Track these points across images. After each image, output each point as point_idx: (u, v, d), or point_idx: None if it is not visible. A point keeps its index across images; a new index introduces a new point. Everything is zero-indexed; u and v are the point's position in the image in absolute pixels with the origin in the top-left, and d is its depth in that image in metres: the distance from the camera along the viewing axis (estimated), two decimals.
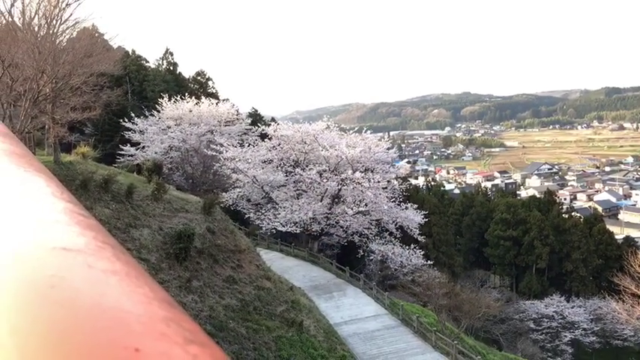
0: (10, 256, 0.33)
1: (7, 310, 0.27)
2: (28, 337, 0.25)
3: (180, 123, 34.74)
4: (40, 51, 18.56)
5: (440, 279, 28.62)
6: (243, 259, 19.89)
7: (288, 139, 32.34)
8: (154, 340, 0.26)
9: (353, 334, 19.73)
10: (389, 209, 30.65)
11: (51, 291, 0.29)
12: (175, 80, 47.75)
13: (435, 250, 41.06)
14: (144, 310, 0.29)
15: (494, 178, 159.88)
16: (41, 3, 20.96)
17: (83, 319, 0.27)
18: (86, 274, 0.32)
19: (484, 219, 51.55)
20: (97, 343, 0.26)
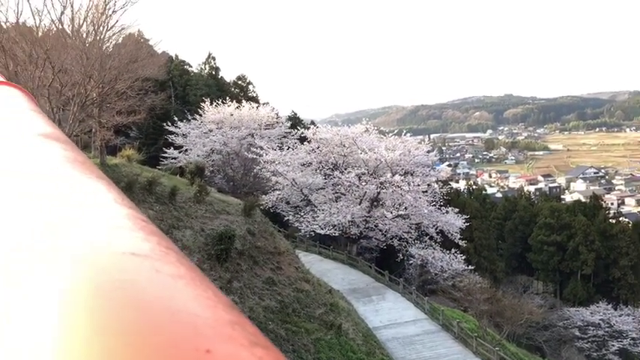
0: (83, 261, 0.34)
1: (85, 313, 0.28)
2: (105, 339, 0.26)
3: (221, 126, 35.29)
4: (87, 57, 19.18)
5: (481, 284, 28.12)
6: (283, 261, 20.03)
7: (327, 142, 32.42)
8: (222, 343, 0.27)
9: (392, 339, 19.60)
10: (429, 213, 30.34)
11: (124, 294, 0.30)
12: (217, 84, 48.51)
13: (477, 255, 40.38)
14: (211, 313, 0.30)
15: (537, 181, 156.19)
16: (89, 10, 21.67)
17: (156, 321, 0.28)
18: (155, 279, 0.33)
19: (527, 224, 50.40)
20: (170, 345, 0.26)
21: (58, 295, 0.30)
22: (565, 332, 38.96)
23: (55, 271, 0.33)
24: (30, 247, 0.39)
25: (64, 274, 0.33)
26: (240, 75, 52.47)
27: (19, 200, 0.56)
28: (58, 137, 1.03)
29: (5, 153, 0.82)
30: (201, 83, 47.64)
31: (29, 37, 20.61)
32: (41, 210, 0.53)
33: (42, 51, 19.07)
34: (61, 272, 0.33)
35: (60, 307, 0.29)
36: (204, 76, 50.69)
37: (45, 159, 0.77)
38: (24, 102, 1.56)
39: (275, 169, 30.98)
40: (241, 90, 50.21)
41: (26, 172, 0.69)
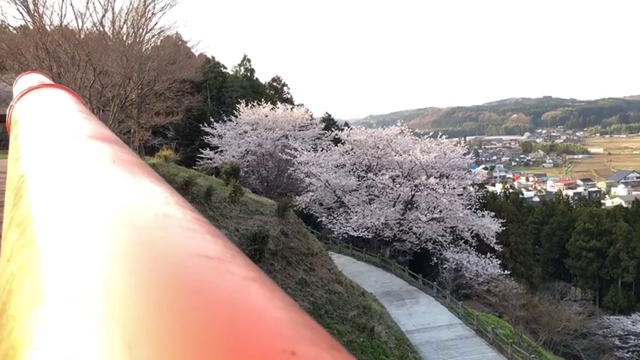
0: (162, 263, 0.35)
1: (168, 315, 0.28)
2: (188, 340, 0.26)
3: (256, 128, 35.60)
4: (127, 58, 19.60)
5: (517, 290, 27.57)
6: (316, 263, 20.05)
7: (361, 143, 32.34)
8: (305, 345, 0.27)
9: (425, 343, 19.40)
10: (464, 216, 29.91)
11: (204, 296, 0.30)
12: (252, 86, 48.91)
13: (512, 260, 39.65)
14: (287, 315, 0.31)
15: (576, 186, 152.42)
16: (129, 13, 22.14)
17: (240, 323, 0.28)
18: (231, 281, 0.33)
19: (565, 229, 49.23)
20: (257, 347, 0.27)
21: (140, 297, 0.31)
22: (604, 341, 37.85)
23: (133, 272, 0.34)
24: (105, 250, 0.40)
25: (142, 276, 0.33)
26: (275, 77, 52.79)
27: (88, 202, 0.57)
28: (112, 139, 1.05)
29: (66, 154, 0.83)
30: (236, 85, 48.11)
31: (72, 40, 21.18)
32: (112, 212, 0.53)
33: (84, 53, 19.58)
34: (139, 274, 0.34)
35: (142, 308, 0.29)
36: (239, 77, 51.18)
37: (103, 161, 0.77)
38: (75, 103, 1.59)
39: (309, 171, 31.05)
40: (276, 91, 50.48)
41: (89, 174, 0.69)
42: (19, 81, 3.12)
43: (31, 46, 20.89)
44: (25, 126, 1.20)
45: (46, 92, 1.79)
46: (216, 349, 0.26)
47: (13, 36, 23.52)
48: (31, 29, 22.34)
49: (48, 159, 0.80)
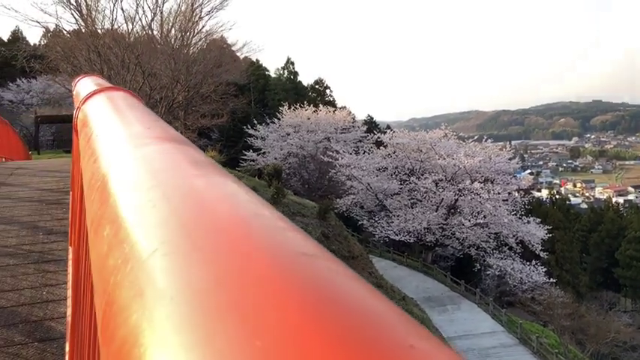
0: (270, 261, 0.36)
1: (286, 313, 0.29)
2: (312, 336, 0.27)
3: (298, 130, 35.78)
4: (175, 61, 20.06)
5: (563, 298, 26.82)
6: (356, 266, 19.99)
7: (404, 146, 32.06)
8: (420, 339, 0.28)
9: (467, 350, 19.07)
10: (509, 222, 29.25)
11: (315, 293, 0.31)
12: (295, 89, 49.22)
13: (558, 268, 38.56)
14: (393, 310, 0.31)
15: (627, 193, 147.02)
16: (177, 16, 22.64)
17: (355, 318, 0.29)
18: (336, 278, 0.34)
19: (615, 237, 47.55)
20: (377, 340, 0.27)
21: (254, 293, 0.31)
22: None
23: (244, 268, 0.34)
24: (204, 249, 0.40)
25: (251, 273, 0.34)
26: (318, 79, 52.96)
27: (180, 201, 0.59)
28: (184, 140, 1.08)
29: (148, 155, 0.86)
30: (279, 87, 48.52)
31: (122, 43, 21.81)
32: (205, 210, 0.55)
33: (133, 56, 20.14)
34: (250, 271, 0.34)
35: (258, 304, 0.30)
36: (282, 80, 51.58)
37: (184, 161, 0.80)
38: (140, 105, 1.64)
39: (350, 173, 31.00)
40: (318, 94, 50.64)
41: (175, 174, 0.72)
42: (80, 83, 3.24)
43: (84, 50, 21.62)
44: (99, 127, 1.25)
45: (111, 95, 1.86)
46: (344, 342, 0.26)
47: (66, 40, 24.40)
48: (83, 33, 23.11)
49: (131, 160, 0.83)
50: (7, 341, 2.84)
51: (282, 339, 0.27)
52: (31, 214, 5.26)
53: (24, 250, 4.25)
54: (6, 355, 2.71)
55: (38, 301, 3.32)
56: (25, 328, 2.99)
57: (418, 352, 0.27)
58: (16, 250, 4.22)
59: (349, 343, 0.26)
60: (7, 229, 4.74)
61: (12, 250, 4.22)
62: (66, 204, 5.48)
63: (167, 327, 0.31)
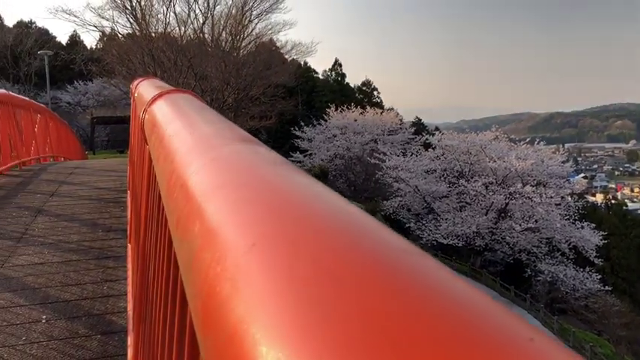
0: (370, 257, 0.36)
1: (384, 306, 0.29)
2: (439, 331, 0.27)
3: (345, 132, 35.78)
4: (226, 64, 20.43)
5: (619, 307, 25.83)
6: None
7: (453, 149, 31.56)
8: (537, 333, 0.28)
9: None
10: (562, 227, 28.36)
11: (422, 290, 0.31)
12: (342, 90, 49.27)
13: (614, 276, 37.11)
14: (498, 305, 0.31)
15: None
16: (228, 20, 23.06)
17: (473, 312, 0.29)
18: (438, 274, 0.34)
19: None
20: (499, 333, 0.28)
21: (352, 291, 0.31)
22: None
23: (342, 267, 0.35)
24: (301, 244, 0.41)
25: (352, 270, 0.34)
26: (365, 81, 52.88)
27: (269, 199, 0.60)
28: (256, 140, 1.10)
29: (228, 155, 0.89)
30: (326, 89, 48.68)
31: (174, 46, 22.37)
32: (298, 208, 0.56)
33: (186, 59, 20.63)
34: (350, 268, 0.34)
35: (362, 303, 0.30)
36: (330, 82, 51.74)
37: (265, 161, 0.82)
38: (208, 107, 1.69)
39: (397, 175, 30.75)
40: (365, 96, 50.54)
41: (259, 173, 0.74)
42: (141, 86, 3.35)
43: (138, 53, 22.30)
44: (173, 128, 1.29)
45: (177, 97, 1.92)
46: (465, 335, 0.26)
47: (121, 43, 25.23)
48: (138, 36, 23.84)
49: (214, 159, 0.85)
50: (72, 333, 2.96)
51: (396, 333, 0.27)
52: (91, 211, 5.47)
53: (85, 246, 4.41)
54: (71, 346, 2.82)
55: (99, 295, 3.44)
56: (88, 321, 3.10)
57: (539, 344, 0.27)
58: (78, 246, 4.40)
59: (472, 336, 0.26)
60: (69, 226, 4.94)
61: (74, 246, 4.40)
62: (123, 202, 5.66)
63: (273, 319, 0.32)
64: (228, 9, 23.79)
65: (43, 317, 3.14)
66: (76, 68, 36.40)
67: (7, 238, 4.59)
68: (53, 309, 3.24)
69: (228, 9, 23.79)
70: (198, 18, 23.21)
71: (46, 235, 4.64)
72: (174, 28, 24.20)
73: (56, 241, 4.52)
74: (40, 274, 3.79)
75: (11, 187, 6.81)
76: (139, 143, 2.41)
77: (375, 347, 0.26)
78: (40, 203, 5.80)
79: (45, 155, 11.06)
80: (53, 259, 4.07)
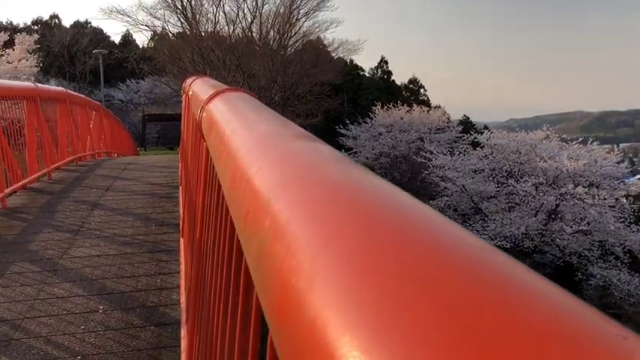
0: (449, 254, 0.37)
1: (472, 302, 0.30)
2: (516, 328, 0.27)
3: (391, 130, 35.53)
4: (273, 62, 20.63)
5: None
6: None
7: (502, 148, 30.87)
8: (629, 332, 0.28)
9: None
10: (616, 230, 27.34)
11: (505, 287, 0.31)
12: (388, 88, 48.94)
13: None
14: (583, 304, 0.31)
15: None
16: (276, 18, 23.26)
17: (567, 310, 0.29)
18: (518, 272, 0.34)
19: None
20: (593, 330, 0.27)
21: (436, 288, 0.31)
22: None
23: (423, 264, 0.35)
24: (378, 242, 0.41)
25: (432, 267, 0.34)
26: (412, 78, 52.31)
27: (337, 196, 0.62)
28: (315, 137, 1.12)
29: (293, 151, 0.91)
30: (372, 87, 48.44)
31: (223, 45, 22.73)
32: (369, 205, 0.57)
33: (234, 57, 20.94)
34: (431, 265, 0.35)
35: (448, 300, 0.30)
36: (376, 80, 51.46)
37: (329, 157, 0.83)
38: (263, 105, 1.71)
39: (444, 175, 30.33)
40: (412, 93, 50.03)
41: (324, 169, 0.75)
42: (195, 85, 3.43)
43: (188, 51, 22.77)
44: (233, 126, 1.32)
45: (233, 95, 1.95)
46: (558, 332, 0.26)
47: (172, 42, 25.83)
48: (188, 35, 24.34)
49: (279, 156, 0.87)
50: (127, 323, 3.07)
51: (480, 329, 0.27)
52: (144, 206, 5.63)
53: (139, 239, 4.55)
54: (127, 336, 2.92)
55: (153, 288, 3.55)
56: (143, 312, 3.21)
57: (632, 342, 0.26)
58: (132, 240, 4.54)
59: (564, 332, 0.26)
60: (123, 220, 5.11)
61: (129, 240, 4.54)
62: (175, 198, 5.80)
63: (352, 312, 0.32)
64: (276, 8, 24.06)
65: (100, 307, 3.26)
66: (128, 67, 37.52)
67: (66, 230, 4.78)
68: (109, 300, 3.37)
69: (276, 8, 24.06)
70: (246, 17, 23.54)
71: (102, 229, 4.82)
72: (223, 27, 24.61)
73: (111, 234, 4.68)
74: (96, 265, 3.93)
75: (69, 181, 7.09)
76: (195, 140, 2.47)
77: (461, 344, 0.26)
78: (95, 197, 6.01)
79: (99, 151, 11.44)
80: (109, 252, 4.22)
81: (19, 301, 3.34)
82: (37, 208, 5.60)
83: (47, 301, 3.35)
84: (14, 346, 2.82)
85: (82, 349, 2.78)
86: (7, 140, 6.11)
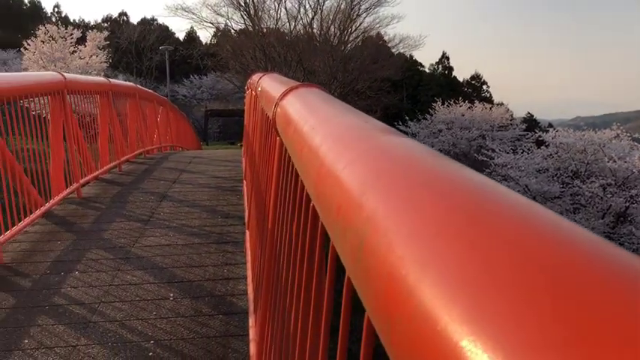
0: (572, 245, 0.37)
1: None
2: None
3: (451, 127, 34.91)
4: (333, 58, 20.68)
5: None
6: None
7: (568, 147, 29.73)
8: None
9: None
10: None
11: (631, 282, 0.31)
12: (449, 84, 48.11)
13: None
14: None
15: None
16: (337, 14, 23.28)
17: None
18: (630, 264, 0.34)
19: None
20: None
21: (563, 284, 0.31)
22: None
23: (547, 259, 0.35)
24: (486, 233, 0.41)
25: (553, 262, 0.34)
26: (474, 74, 51.20)
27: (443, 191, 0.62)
28: (401, 133, 1.12)
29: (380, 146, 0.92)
30: (433, 83, 47.72)
31: (284, 41, 22.96)
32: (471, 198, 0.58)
33: (295, 54, 21.12)
34: (554, 260, 0.34)
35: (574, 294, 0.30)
36: (436, 75, 50.67)
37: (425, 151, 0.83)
38: (338, 100, 1.73)
39: (506, 174, 29.51)
40: (474, 90, 48.97)
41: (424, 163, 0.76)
42: (263, 81, 3.49)
43: (250, 48, 23.14)
44: (313, 121, 1.34)
45: (308, 91, 1.98)
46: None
47: (235, 39, 26.32)
48: (250, 32, 24.73)
49: (366, 150, 0.88)
50: (197, 311, 3.17)
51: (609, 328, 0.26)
52: (209, 198, 5.79)
53: (205, 230, 4.69)
54: (196, 323, 3.02)
55: (220, 277, 3.65)
56: (211, 301, 3.31)
57: None
58: (199, 231, 4.68)
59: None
60: (191, 212, 5.27)
61: (196, 230, 4.69)
62: (239, 191, 5.94)
63: (469, 303, 0.33)
64: (337, 3, 24.09)
65: (171, 295, 3.39)
66: (192, 63, 38.54)
67: (137, 220, 4.99)
68: (179, 288, 3.49)
69: (337, 3, 24.09)
70: (307, 13, 23.69)
71: (170, 219, 4.99)
72: (285, 24, 24.86)
73: (179, 225, 4.84)
74: (166, 254, 4.08)
75: (138, 173, 7.37)
76: (266, 136, 2.52)
77: (586, 339, 0.26)
78: (164, 189, 6.23)
79: (165, 144, 11.83)
80: (177, 242, 4.37)
81: (95, 287, 3.52)
82: (109, 198, 5.86)
83: (121, 287, 3.51)
84: (92, 329, 2.97)
85: (154, 334, 2.90)
86: (82, 133, 6.42)
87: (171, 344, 2.81)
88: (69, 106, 5.87)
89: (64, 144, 5.71)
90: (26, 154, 4.86)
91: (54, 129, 5.51)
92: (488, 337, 0.29)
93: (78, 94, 6.39)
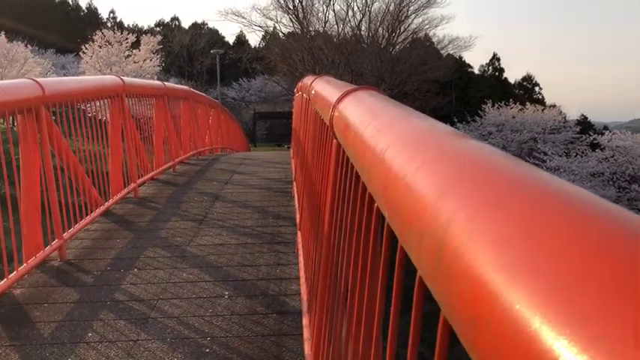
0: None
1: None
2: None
3: (502, 129, 34.19)
4: (381, 60, 20.60)
5: None
6: None
7: (625, 150, 28.67)
8: None
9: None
10: None
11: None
12: (500, 86, 47.11)
13: None
14: None
15: None
16: (385, 16, 23.18)
17: None
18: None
19: None
20: None
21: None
22: None
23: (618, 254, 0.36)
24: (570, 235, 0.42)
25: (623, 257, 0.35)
26: (526, 75, 49.97)
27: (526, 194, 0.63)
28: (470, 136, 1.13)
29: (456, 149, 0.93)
30: (482, 85, 46.85)
31: (332, 44, 23.02)
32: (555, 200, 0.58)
33: (342, 56, 21.15)
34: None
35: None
36: (486, 77, 49.73)
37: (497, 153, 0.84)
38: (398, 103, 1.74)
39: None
40: (526, 92, 47.80)
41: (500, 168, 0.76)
42: (316, 84, 3.52)
43: (299, 51, 23.32)
44: (374, 125, 1.35)
45: (365, 93, 1.99)
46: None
47: (283, 42, 26.60)
48: (298, 35, 24.92)
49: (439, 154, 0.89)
50: (251, 310, 3.24)
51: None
52: (261, 199, 5.88)
53: (258, 231, 4.77)
54: (251, 322, 3.08)
55: (273, 277, 3.71)
56: (264, 300, 3.37)
57: None
58: (252, 231, 4.77)
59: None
60: (243, 212, 5.37)
61: (248, 231, 4.78)
62: (289, 192, 6.01)
63: (564, 309, 0.33)
64: (385, 5, 23.99)
65: (226, 293, 3.46)
66: (241, 66, 39.14)
67: (192, 220, 5.12)
68: (233, 286, 3.56)
69: (385, 5, 23.99)
70: (356, 15, 23.70)
71: (223, 219, 5.10)
72: (333, 26, 24.94)
73: (232, 225, 4.94)
74: (220, 253, 4.18)
75: (191, 174, 7.56)
76: (322, 139, 2.55)
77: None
78: (216, 190, 6.37)
79: (217, 146, 12.08)
80: (231, 241, 4.46)
81: (154, 284, 3.63)
82: (165, 199, 6.04)
83: (178, 284, 3.61)
84: (151, 324, 3.07)
85: (210, 331, 2.98)
86: (139, 135, 6.64)
87: (227, 341, 2.87)
88: (127, 109, 6.08)
89: (122, 145, 5.91)
90: (87, 155, 5.06)
91: (113, 131, 5.73)
92: (587, 337, 0.29)
93: (135, 97, 6.60)
